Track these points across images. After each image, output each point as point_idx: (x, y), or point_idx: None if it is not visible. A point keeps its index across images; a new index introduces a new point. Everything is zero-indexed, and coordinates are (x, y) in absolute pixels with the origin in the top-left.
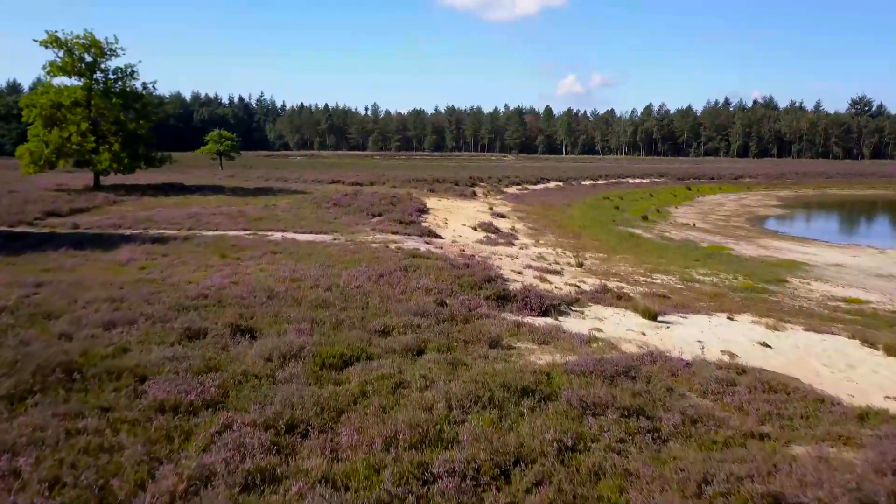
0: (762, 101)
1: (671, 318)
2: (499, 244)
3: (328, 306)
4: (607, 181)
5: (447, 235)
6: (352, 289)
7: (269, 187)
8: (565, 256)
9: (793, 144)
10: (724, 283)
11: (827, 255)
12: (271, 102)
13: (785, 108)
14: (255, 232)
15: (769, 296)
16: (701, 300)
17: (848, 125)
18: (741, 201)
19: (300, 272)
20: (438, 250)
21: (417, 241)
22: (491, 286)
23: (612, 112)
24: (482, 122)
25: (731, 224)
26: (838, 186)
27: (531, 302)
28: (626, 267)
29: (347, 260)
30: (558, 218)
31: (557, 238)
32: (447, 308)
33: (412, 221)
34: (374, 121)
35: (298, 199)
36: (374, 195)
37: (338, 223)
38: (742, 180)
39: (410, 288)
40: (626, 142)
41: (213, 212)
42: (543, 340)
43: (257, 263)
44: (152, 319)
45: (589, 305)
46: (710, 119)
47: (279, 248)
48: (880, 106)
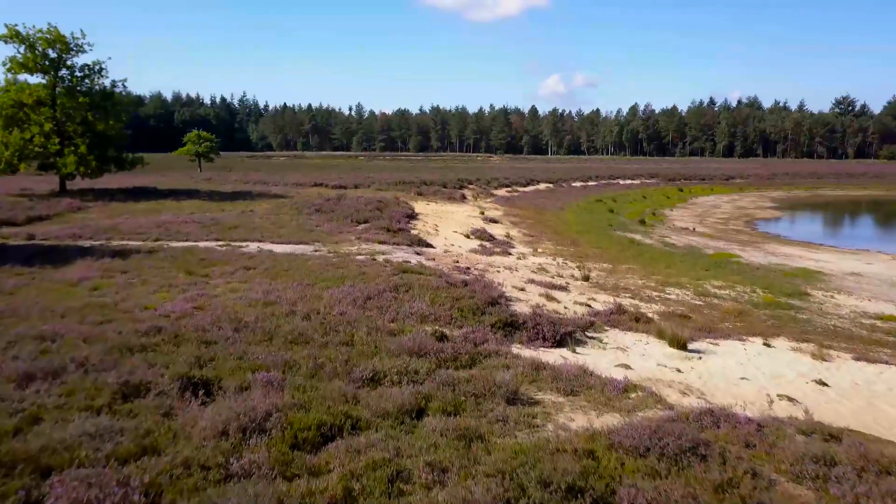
0: (746, 100)
1: (702, 346)
2: (495, 254)
3: (306, 341)
4: (598, 183)
5: (439, 244)
6: (334, 316)
7: (248, 191)
8: (567, 267)
9: (777, 144)
10: (744, 297)
11: (840, 262)
12: (254, 103)
13: (769, 107)
14: (228, 243)
15: (796, 312)
16: (725, 320)
17: (832, 125)
18: (735, 203)
19: (276, 293)
20: (431, 262)
21: (407, 252)
22: (496, 310)
23: (597, 112)
24: (467, 122)
25: (731, 228)
26: (830, 187)
27: (543, 330)
28: (634, 279)
29: (330, 277)
30: (553, 223)
31: (555, 246)
32: (448, 343)
33: (400, 229)
34: (358, 121)
35: (278, 204)
36: (358, 200)
37: (320, 232)
38: (733, 181)
39: (403, 314)
40: (612, 142)
41: (184, 219)
42: (570, 390)
43: (227, 282)
44: (85, 368)
45: (606, 330)
46: (695, 119)
47: (254, 262)
48: (864, 106)
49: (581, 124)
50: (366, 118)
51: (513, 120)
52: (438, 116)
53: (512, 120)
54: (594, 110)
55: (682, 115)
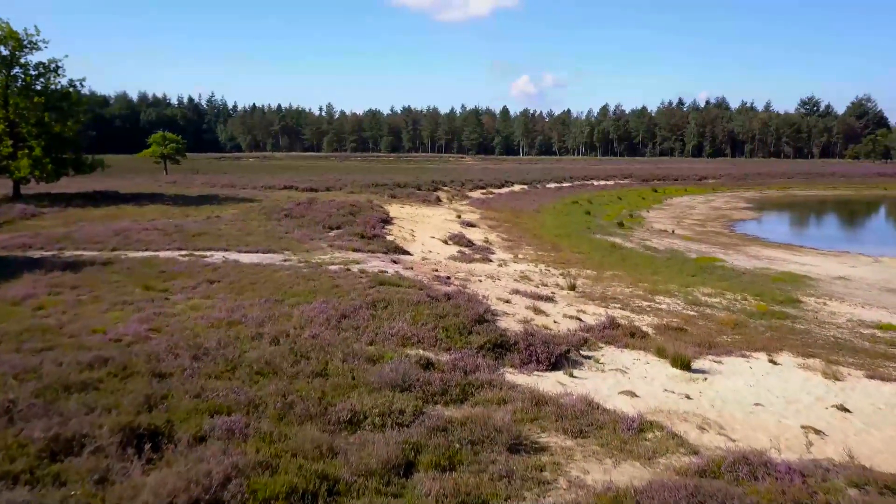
0: (714, 101)
1: (705, 365)
2: (474, 260)
3: (274, 372)
4: (572, 184)
5: (416, 251)
6: (306, 339)
7: (215, 195)
8: (551, 275)
9: (746, 144)
10: (736, 306)
11: (824, 265)
12: (222, 103)
13: (737, 108)
14: (191, 252)
15: (792, 322)
16: (722, 332)
17: (798, 125)
18: (710, 204)
19: (241, 311)
20: (409, 272)
21: (383, 261)
22: (483, 329)
23: (568, 113)
24: (439, 122)
25: (710, 230)
26: (800, 187)
27: (537, 351)
28: (621, 287)
29: (300, 291)
30: (530, 226)
31: (536, 251)
32: (435, 372)
33: (375, 235)
34: (328, 121)
35: (246, 208)
36: (330, 204)
37: (290, 239)
38: (706, 181)
39: (382, 335)
40: (583, 142)
41: (145, 226)
42: (579, 430)
43: (188, 298)
44: (9, 416)
45: (601, 348)
46: (664, 119)
47: (218, 274)
48: (828, 106)
49: (552, 125)
50: (336, 119)
51: (484, 120)
52: (410, 117)
53: (483, 120)
54: (565, 111)
55: (651, 115)
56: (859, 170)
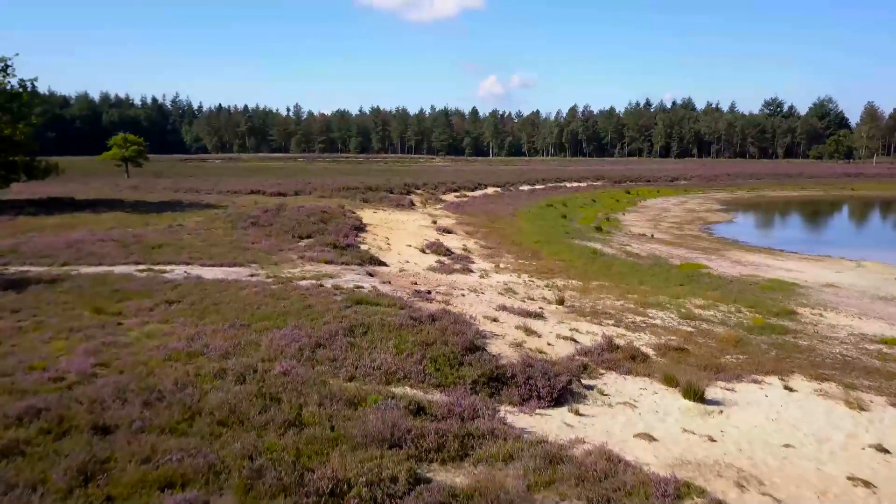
0: (681, 102)
1: (718, 394)
2: (455, 271)
3: (240, 421)
4: (545, 186)
5: (392, 261)
6: (276, 376)
7: (178, 201)
8: (536, 287)
9: (712, 145)
10: (732, 319)
11: (809, 271)
12: (187, 104)
13: (703, 109)
14: (150, 267)
15: (794, 337)
16: (725, 351)
17: (763, 126)
18: (684, 205)
19: (202, 339)
20: (386, 286)
21: (358, 274)
22: (476, 359)
23: (537, 113)
24: (408, 123)
25: (688, 233)
26: (769, 188)
27: (537, 385)
28: (610, 299)
29: (269, 313)
30: (508, 231)
31: (517, 260)
32: (428, 419)
33: (349, 245)
34: (296, 122)
35: (210, 216)
36: (300, 210)
37: (257, 250)
38: (678, 183)
39: (363, 369)
40: (553, 143)
41: (101, 237)
42: (606, 499)
43: (144, 322)
44: None
45: (602, 374)
46: (632, 120)
47: (179, 293)
48: (791, 107)
49: (522, 125)
50: (304, 119)
51: (454, 121)
52: (379, 118)
53: (453, 121)
54: (534, 112)
55: (620, 116)
56: (826, 170)
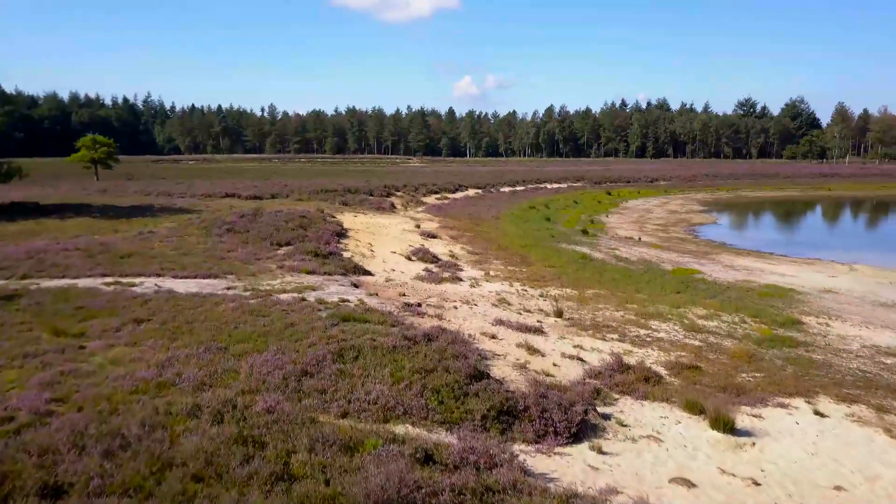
0: (656, 102)
1: (745, 422)
2: (444, 280)
3: (218, 475)
4: (525, 187)
5: (377, 270)
6: (259, 413)
7: (149, 205)
8: (530, 296)
9: (687, 145)
10: (738, 331)
11: (803, 275)
12: (159, 103)
13: (678, 109)
14: (118, 280)
15: (807, 351)
16: (739, 367)
17: (736, 126)
18: (666, 207)
19: (174, 366)
20: (373, 299)
21: (342, 284)
22: (483, 389)
23: (513, 114)
24: (385, 123)
25: (674, 235)
26: (748, 188)
27: (553, 418)
28: (609, 310)
29: (248, 332)
30: (493, 235)
31: (506, 266)
32: (438, 470)
33: (331, 252)
34: (271, 122)
35: (183, 221)
36: (277, 215)
37: (233, 259)
38: (657, 183)
39: (357, 404)
40: (529, 143)
41: (66, 245)
42: None
43: (109, 345)
44: None
45: (616, 400)
46: (608, 120)
47: (149, 309)
48: (764, 107)
49: (498, 126)
50: (279, 119)
51: (431, 122)
52: (355, 118)
53: (430, 122)
54: (511, 112)
55: (596, 116)
56: (801, 170)
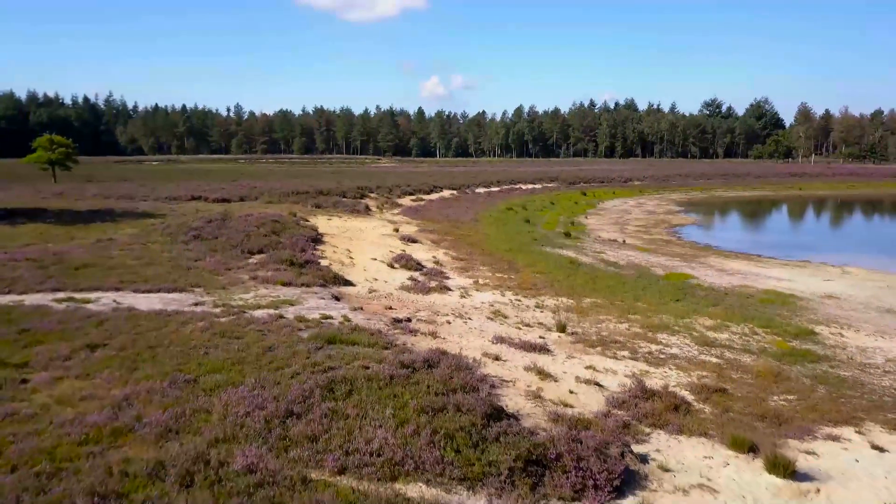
0: (624, 102)
1: (801, 461)
2: (431, 290)
3: None
4: (500, 188)
5: (359, 279)
6: (238, 474)
7: (109, 209)
8: (525, 307)
9: (655, 145)
10: (752, 344)
11: (799, 279)
12: (122, 103)
13: (645, 109)
14: (71, 295)
15: (831, 366)
16: (767, 389)
17: (703, 126)
18: (643, 207)
19: (133, 406)
20: (359, 315)
21: (323, 297)
22: (503, 430)
23: (483, 114)
24: (353, 123)
25: (657, 237)
26: (721, 188)
27: (591, 468)
28: (612, 321)
29: (220, 360)
30: (475, 238)
31: (494, 273)
32: None
33: (307, 261)
34: (237, 122)
35: (146, 227)
36: (248, 219)
37: (201, 269)
38: (631, 184)
39: (358, 458)
40: (499, 144)
41: (14, 255)
42: None
43: (56, 381)
44: None
45: (648, 435)
46: (577, 120)
47: (105, 332)
48: (729, 108)
49: (468, 126)
50: (245, 119)
51: (400, 122)
52: (323, 117)
53: (399, 122)
54: (480, 112)
55: (564, 116)
56: (770, 170)
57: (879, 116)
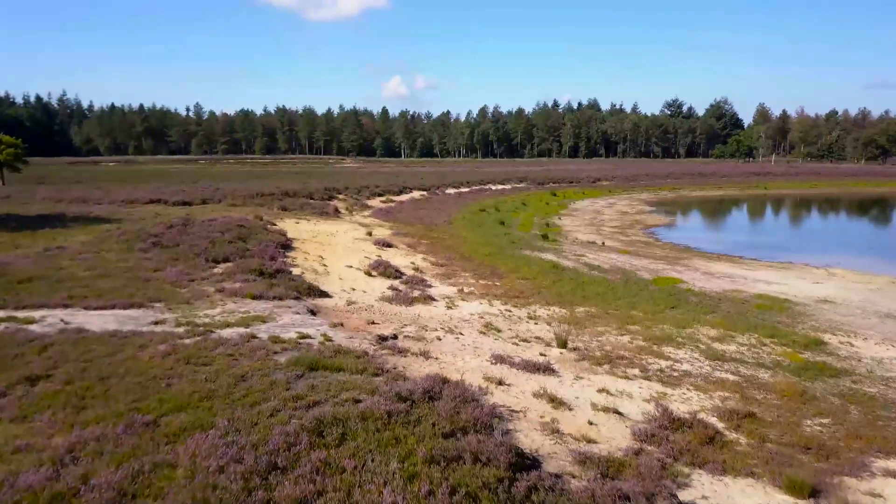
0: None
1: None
2: (415, 301)
3: None
4: (470, 188)
5: (335, 290)
6: None
7: (60, 214)
8: (519, 319)
9: (618, 145)
10: (763, 356)
11: (789, 282)
12: (76, 102)
13: (608, 110)
14: (11, 314)
15: (853, 382)
16: (798, 412)
17: (666, 126)
18: (614, 207)
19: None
20: (340, 333)
21: (298, 312)
22: (531, 482)
23: (447, 114)
24: (316, 123)
25: (635, 239)
26: (689, 188)
27: None
28: (612, 333)
29: (185, 394)
30: (451, 242)
31: (477, 280)
32: None
33: (278, 270)
34: (197, 122)
35: (101, 233)
36: (211, 224)
37: (162, 281)
38: (600, 184)
39: None
40: (464, 144)
41: None
42: None
43: None
44: None
45: (689, 477)
46: (541, 121)
47: (48, 361)
48: (690, 108)
49: (433, 126)
50: (206, 119)
51: (364, 121)
52: (285, 117)
53: (363, 121)
54: (445, 112)
55: (529, 117)
56: (735, 169)
57: (834, 117)
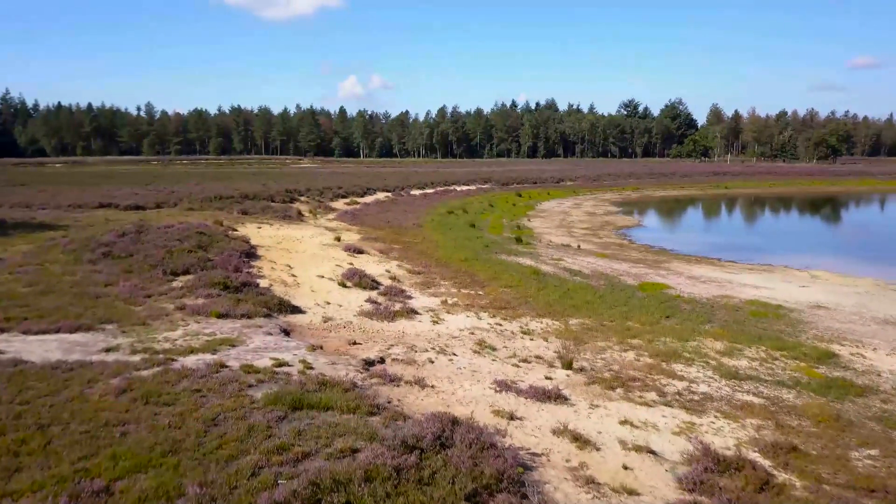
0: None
1: None
2: (396, 315)
3: None
4: (435, 189)
5: (309, 304)
6: None
7: (0, 220)
8: (511, 335)
9: (576, 145)
10: (779, 372)
11: (776, 286)
12: (20, 101)
13: (566, 110)
14: None
15: (881, 402)
16: (839, 442)
17: (622, 126)
18: (581, 208)
19: None
20: (319, 358)
21: (271, 333)
22: None
23: (406, 114)
24: (273, 123)
25: (608, 241)
26: (651, 188)
27: None
28: (614, 350)
29: (145, 448)
30: (424, 247)
31: (458, 289)
32: None
33: (245, 283)
34: (148, 122)
35: (44, 242)
36: (168, 231)
37: (114, 298)
38: (564, 184)
39: None
40: (424, 144)
41: None
42: None
43: None
44: None
45: None
46: (500, 121)
47: None
48: (646, 108)
49: (391, 126)
50: (158, 119)
51: (322, 121)
52: (240, 117)
53: (321, 121)
54: (403, 112)
55: (487, 117)
56: (695, 169)
57: (784, 117)
